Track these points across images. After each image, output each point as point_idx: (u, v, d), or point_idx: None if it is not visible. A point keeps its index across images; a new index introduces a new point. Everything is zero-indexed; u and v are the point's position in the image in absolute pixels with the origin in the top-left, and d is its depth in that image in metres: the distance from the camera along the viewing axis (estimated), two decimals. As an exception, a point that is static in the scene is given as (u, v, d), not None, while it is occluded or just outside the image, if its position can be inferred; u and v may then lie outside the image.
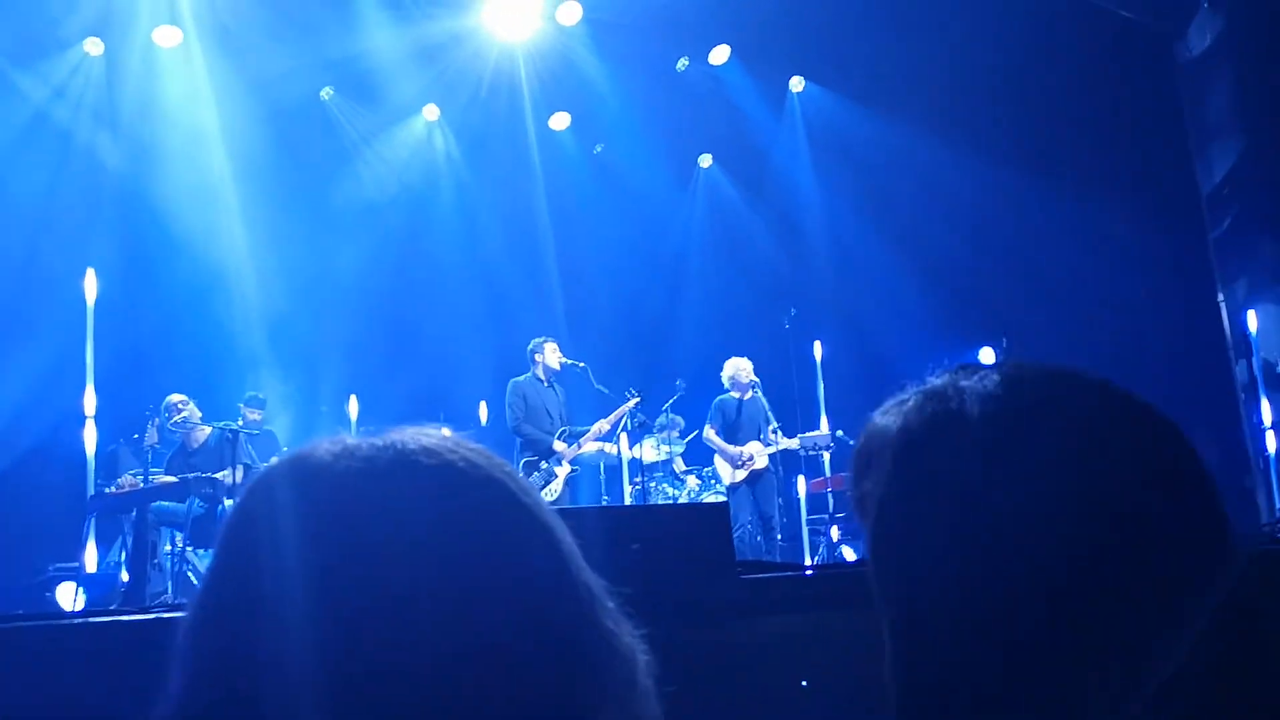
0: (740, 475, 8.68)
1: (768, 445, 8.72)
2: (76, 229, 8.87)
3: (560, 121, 11.43)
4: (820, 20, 9.96)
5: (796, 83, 11.80)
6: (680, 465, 9.61)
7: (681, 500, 9.16)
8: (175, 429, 7.33)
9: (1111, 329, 10.37)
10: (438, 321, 10.95)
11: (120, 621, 1.96)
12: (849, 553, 9.60)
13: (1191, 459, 0.79)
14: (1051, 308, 10.64)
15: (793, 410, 9.80)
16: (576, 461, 8.30)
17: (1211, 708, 0.81)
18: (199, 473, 7.04)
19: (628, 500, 8.88)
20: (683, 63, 11.12)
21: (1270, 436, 9.14)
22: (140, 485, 7.23)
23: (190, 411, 7.42)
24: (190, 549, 6.93)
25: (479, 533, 0.66)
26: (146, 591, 6.45)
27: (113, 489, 7.35)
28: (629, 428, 8.47)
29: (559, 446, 8.08)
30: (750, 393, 8.85)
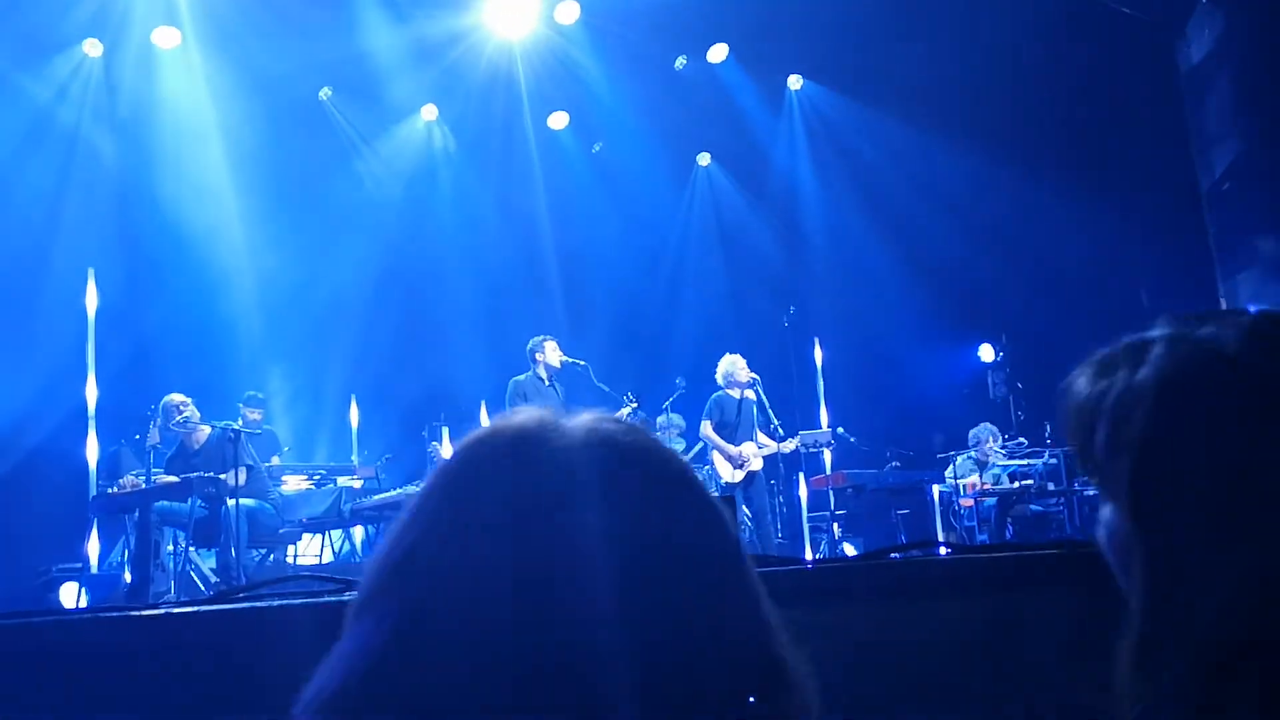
0: (739, 475, 8.66)
1: (762, 447, 8.66)
2: (78, 230, 8.87)
3: (559, 120, 11.44)
4: (819, 18, 9.97)
5: (795, 81, 11.82)
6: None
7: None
8: (177, 429, 7.33)
9: (1111, 326, 10.36)
10: (438, 320, 10.96)
11: (131, 617, 1.97)
12: (849, 549, 9.62)
13: None
14: (1050, 304, 10.66)
15: (792, 407, 9.82)
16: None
17: None
18: (200, 473, 7.04)
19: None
20: (681, 61, 11.13)
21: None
22: (142, 485, 7.23)
23: (191, 412, 7.42)
24: (193, 549, 6.94)
25: (690, 529, 0.67)
26: (150, 591, 6.46)
27: (115, 489, 7.35)
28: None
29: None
30: (749, 391, 8.78)
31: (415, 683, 0.63)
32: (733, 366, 8.75)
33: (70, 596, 7.03)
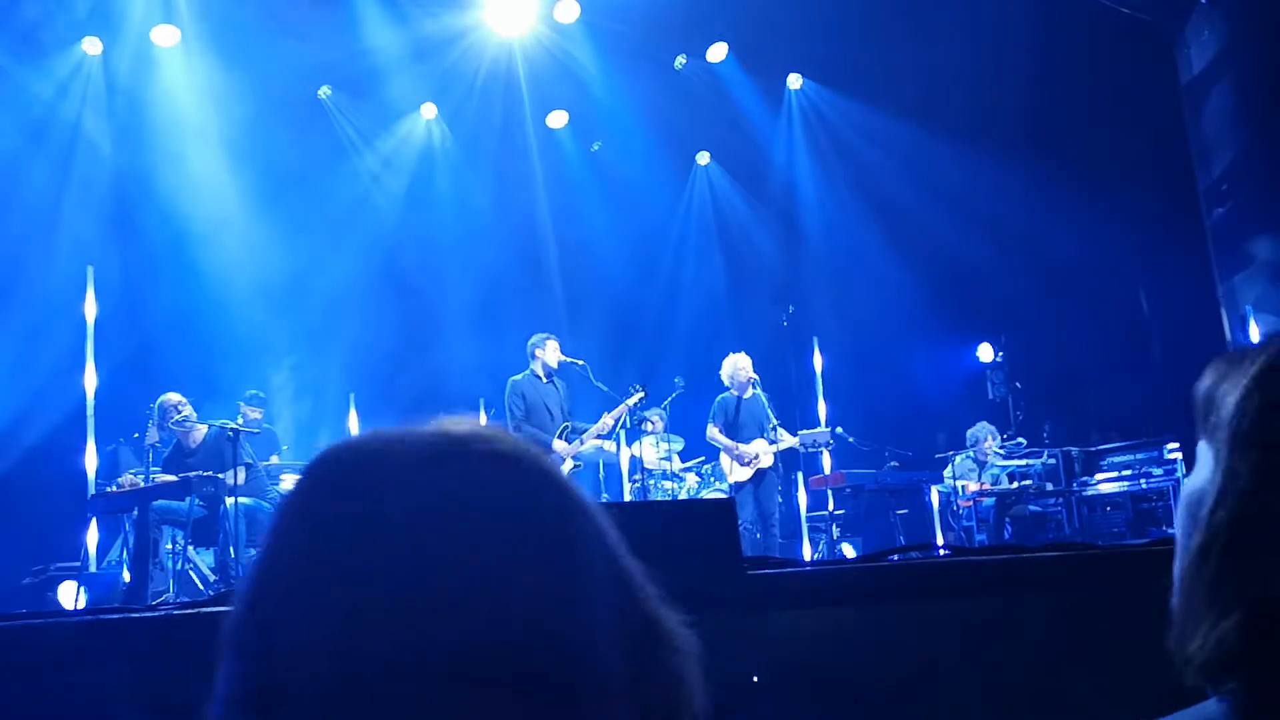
0: (746, 473, 8.69)
1: (772, 444, 8.72)
2: (77, 228, 8.88)
3: (558, 119, 11.44)
4: (818, 17, 9.97)
5: (794, 80, 11.82)
6: (678, 464, 9.62)
7: (681, 498, 9.18)
8: (175, 428, 7.33)
9: (1110, 327, 10.40)
10: (436, 319, 10.96)
11: (130, 619, 1.97)
12: (848, 550, 9.63)
13: None
14: (1049, 304, 10.68)
15: (791, 407, 9.83)
16: (577, 459, 8.30)
17: None
18: (198, 472, 7.03)
19: (627, 497, 8.89)
20: (680, 60, 11.13)
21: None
22: (141, 484, 7.23)
23: (188, 411, 7.42)
24: (191, 548, 6.94)
25: (536, 520, 0.66)
26: (148, 591, 6.46)
27: (114, 488, 7.35)
28: (627, 425, 8.47)
29: (559, 445, 8.08)
30: (750, 390, 8.83)
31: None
32: (734, 367, 8.83)
33: (68, 595, 7.03)
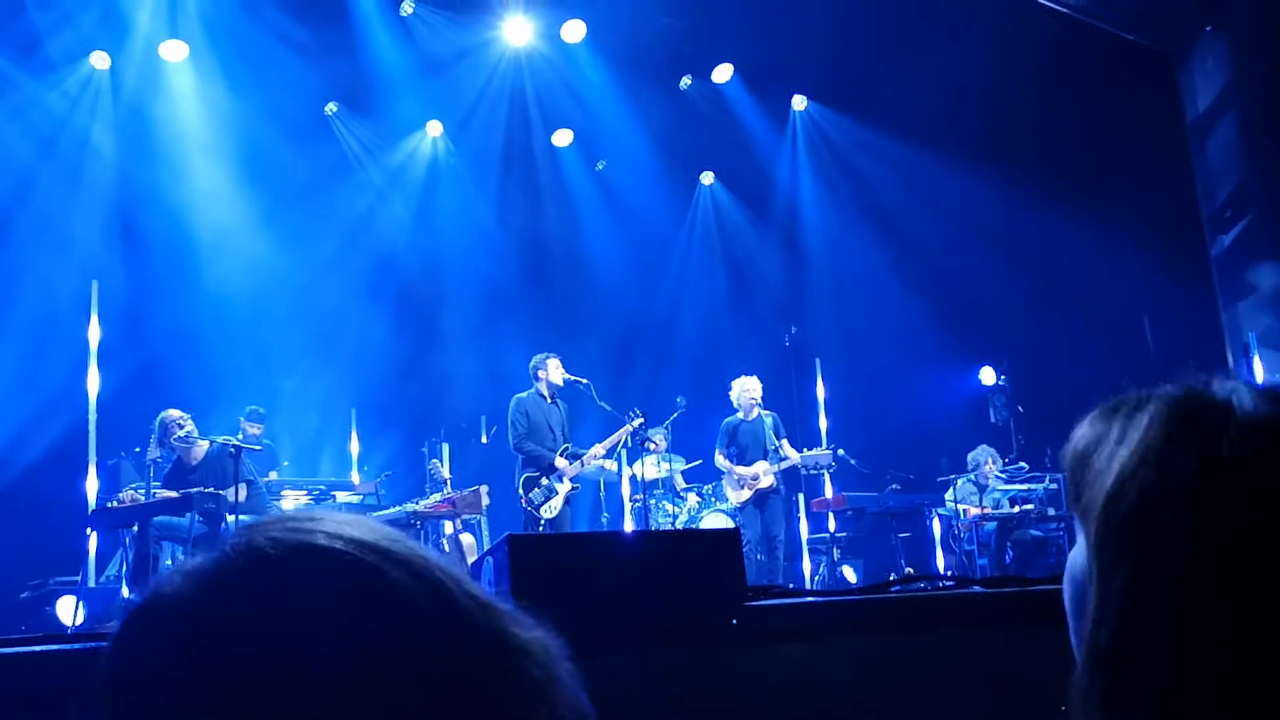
0: (745, 495, 8.67)
1: (776, 463, 8.71)
2: (83, 241, 8.89)
3: (563, 138, 11.48)
4: (824, 40, 10.01)
5: (799, 101, 11.86)
6: (680, 483, 9.61)
7: (681, 518, 9.16)
8: (177, 445, 7.32)
9: (1112, 352, 10.38)
10: (439, 335, 10.97)
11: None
12: (849, 572, 9.60)
13: None
14: (1052, 329, 10.67)
15: (793, 428, 9.81)
16: (578, 479, 8.30)
17: None
18: (199, 488, 7.02)
19: (627, 517, 8.88)
20: (685, 81, 11.17)
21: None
22: (142, 499, 7.22)
23: (190, 427, 7.41)
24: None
25: (351, 613, 0.66)
26: (147, 606, 6.43)
27: (115, 503, 7.34)
28: (629, 445, 8.46)
29: (561, 464, 8.08)
30: (755, 412, 8.84)
31: None
32: (739, 390, 8.87)
33: (67, 610, 7.01)
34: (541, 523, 7.93)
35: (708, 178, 12.63)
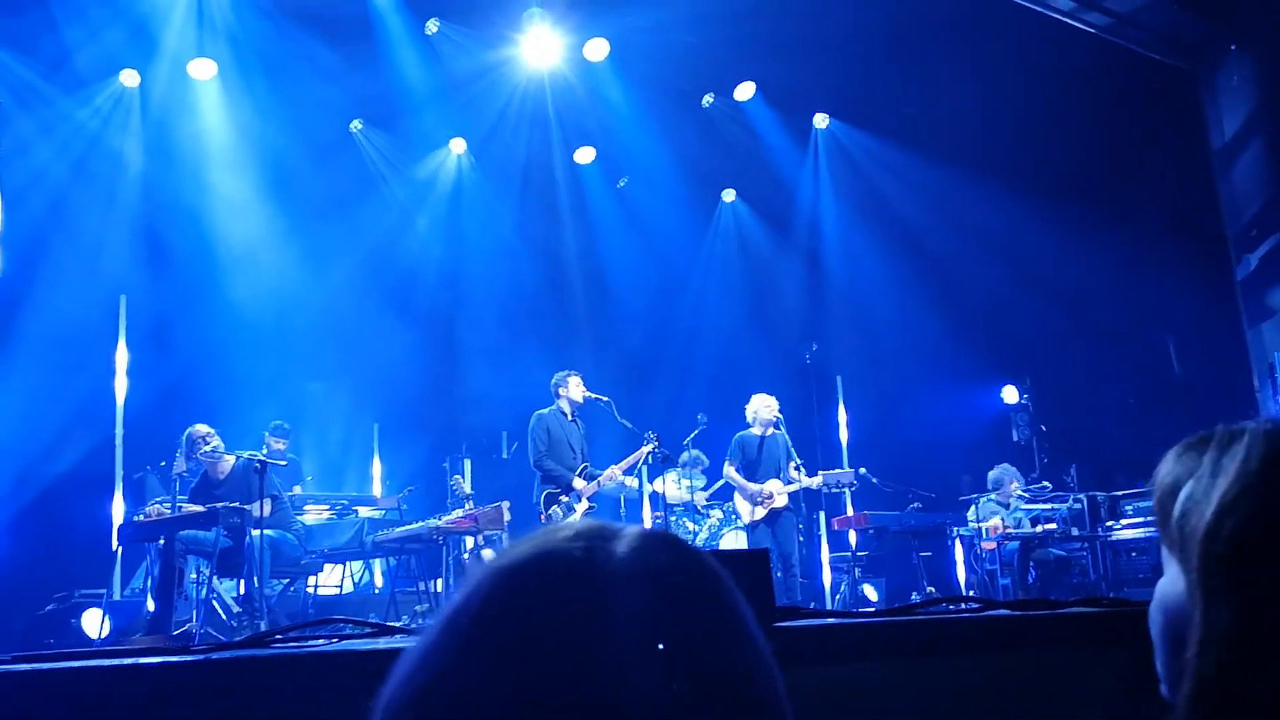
0: (759, 513, 8.65)
1: (788, 483, 8.68)
2: (111, 256, 8.97)
3: (585, 155, 11.53)
4: (846, 58, 10.03)
5: (821, 119, 11.88)
6: (702, 500, 9.60)
7: (702, 535, 9.15)
8: (204, 459, 7.37)
9: (1136, 371, 10.33)
10: (461, 351, 11.02)
11: (170, 664, 1.98)
12: (870, 591, 9.56)
13: None
14: (1075, 348, 10.63)
15: (813, 446, 9.79)
16: (596, 496, 8.30)
17: None
18: (225, 503, 7.06)
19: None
20: (708, 99, 11.22)
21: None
22: (167, 514, 7.26)
23: (217, 442, 7.46)
24: (216, 579, 6.96)
25: (741, 678, 0.66)
26: (172, 620, 6.48)
27: (141, 517, 7.39)
28: (650, 462, 8.45)
29: (579, 483, 8.09)
30: (771, 430, 8.81)
31: None
32: (758, 406, 8.82)
33: (93, 623, 7.06)
34: (562, 539, 7.91)
35: (729, 195, 12.66)
